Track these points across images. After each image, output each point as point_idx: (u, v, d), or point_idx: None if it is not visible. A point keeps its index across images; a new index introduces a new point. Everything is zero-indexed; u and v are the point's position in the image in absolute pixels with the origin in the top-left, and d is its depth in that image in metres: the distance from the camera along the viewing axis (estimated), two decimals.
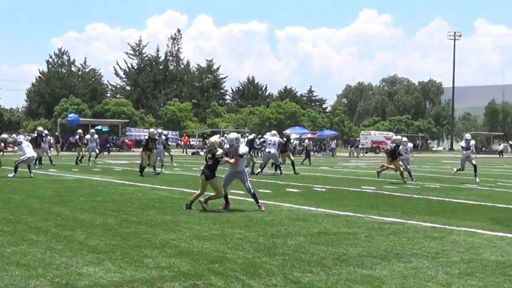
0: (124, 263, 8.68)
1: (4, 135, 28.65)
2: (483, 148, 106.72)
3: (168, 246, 9.94)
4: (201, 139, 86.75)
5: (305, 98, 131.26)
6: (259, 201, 15.13)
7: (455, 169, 29.20)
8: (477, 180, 26.97)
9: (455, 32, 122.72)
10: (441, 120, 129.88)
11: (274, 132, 31.90)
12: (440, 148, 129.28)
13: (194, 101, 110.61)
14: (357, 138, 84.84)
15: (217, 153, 14.70)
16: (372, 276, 8.21)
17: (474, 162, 28.08)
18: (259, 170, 29.16)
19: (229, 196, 15.26)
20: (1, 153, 31.90)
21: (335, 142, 75.46)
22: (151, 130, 29.73)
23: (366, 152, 79.46)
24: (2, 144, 27.23)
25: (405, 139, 28.94)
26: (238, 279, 7.89)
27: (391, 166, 26.76)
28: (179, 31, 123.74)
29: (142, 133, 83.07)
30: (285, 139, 31.54)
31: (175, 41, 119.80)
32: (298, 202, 17.05)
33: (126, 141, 77.78)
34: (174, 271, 8.26)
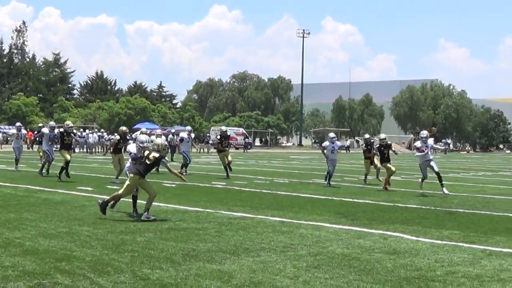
0: None
1: None
2: None
3: (12, 245, 9.62)
4: None
5: (155, 94, 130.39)
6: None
7: (420, 182, 21.00)
8: (446, 191, 20.05)
9: (303, 30, 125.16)
10: (290, 116, 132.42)
11: (188, 127, 31.46)
12: (289, 144, 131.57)
13: (41, 95, 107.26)
14: (207, 134, 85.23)
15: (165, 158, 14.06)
16: (222, 271, 8.26)
17: (436, 168, 20.52)
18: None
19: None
20: None
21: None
22: (67, 122, 25.93)
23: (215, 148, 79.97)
24: None
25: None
26: (85, 277, 7.74)
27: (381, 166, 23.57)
28: (24, 23, 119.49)
29: None
30: (219, 136, 29.10)
31: (20, 34, 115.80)
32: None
33: None
34: (18, 270, 7.99)
